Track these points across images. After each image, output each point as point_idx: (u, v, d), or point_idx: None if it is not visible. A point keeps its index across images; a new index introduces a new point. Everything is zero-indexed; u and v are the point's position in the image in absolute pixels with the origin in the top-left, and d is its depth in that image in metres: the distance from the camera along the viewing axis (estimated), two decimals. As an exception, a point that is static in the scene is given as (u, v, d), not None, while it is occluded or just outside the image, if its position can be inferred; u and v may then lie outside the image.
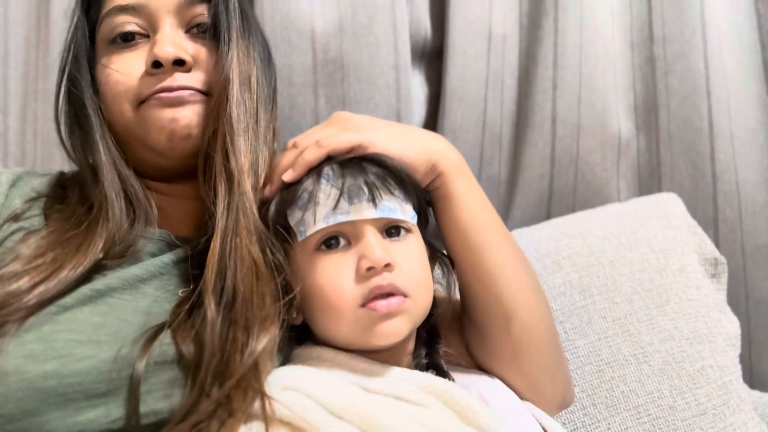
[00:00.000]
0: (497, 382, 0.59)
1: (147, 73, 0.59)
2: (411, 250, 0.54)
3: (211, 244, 0.54)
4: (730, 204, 0.97)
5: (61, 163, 0.89)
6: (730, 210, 0.97)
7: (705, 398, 0.72)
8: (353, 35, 0.90)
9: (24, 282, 0.48)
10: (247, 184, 0.56)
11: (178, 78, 0.59)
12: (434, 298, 0.57)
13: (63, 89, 0.65)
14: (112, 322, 0.50)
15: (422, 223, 0.59)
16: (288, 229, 0.54)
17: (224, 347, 0.48)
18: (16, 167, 0.91)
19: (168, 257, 0.58)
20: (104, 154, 0.60)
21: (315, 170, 0.54)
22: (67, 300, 0.50)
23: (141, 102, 0.60)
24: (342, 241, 0.53)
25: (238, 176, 0.56)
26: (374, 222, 0.53)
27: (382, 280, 0.50)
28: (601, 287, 0.78)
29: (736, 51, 1.00)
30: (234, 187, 0.55)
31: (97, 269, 0.54)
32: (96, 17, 0.64)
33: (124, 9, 0.61)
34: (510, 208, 1.00)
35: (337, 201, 0.52)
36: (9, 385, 0.45)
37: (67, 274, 0.50)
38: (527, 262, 0.62)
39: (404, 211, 0.54)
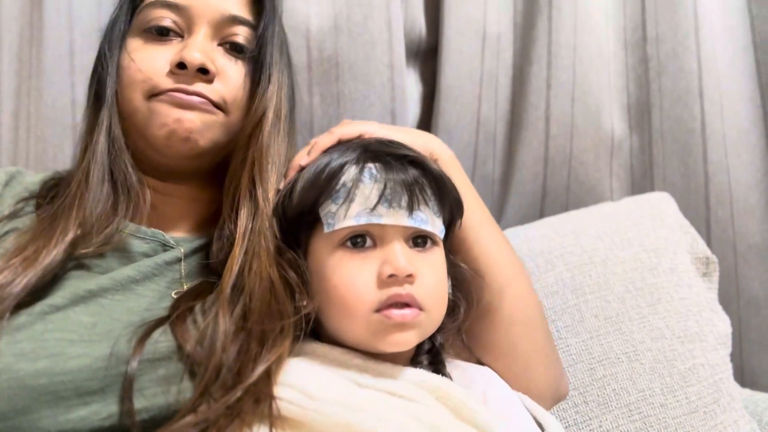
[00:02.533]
0: (496, 377, 0.59)
1: (170, 71, 0.60)
2: (434, 263, 0.54)
3: (229, 261, 0.55)
4: (722, 204, 0.97)
5: (53, 160, 0.89)
6: (722, 210, 0.97)
7: (696, 396, 0.72)
8: (348, 34, 0.90)
9: (5, 275, 0.49)
10: (269, 209, 0.57)
11: (197, 85, 0.60)
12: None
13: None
14: (104, 321, 0.50)
15: (447, 236, 0.59)
16: (314, 218, 0.54)
17: (238, 357, 0.48)
18: (8, 165, 0.91)
19: (161, 258, 0.58)
20: (104, 134, 0.60)
21: (358, 165, 0.53)
22: (59, 300, 0.50)
23: (154, 95, 0.60)
24: (368, 241, 0.52)
25: (263, 204, 0.57)
26: (404, 229, 0.52)
27: (401, 289, 0.50)
28: (594, 286, 0.78)
29: (728, 52, 1.00)
30: (259, 211, 0.57)
31: (85, 266, 0.54)
32: (140, 0, 0.64)
33: (169, 5, 0.62)
34: (504, 207, 1.00)
35: (375, 203, 0.51)
36: (0, 383, 0.45)
37: (44, 259, 0.51)
38: (512, 246, 0.66)
39: (435, 225, 0.54)
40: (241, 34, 0.63)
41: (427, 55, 1.02)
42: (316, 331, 0.57)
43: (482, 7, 0.98)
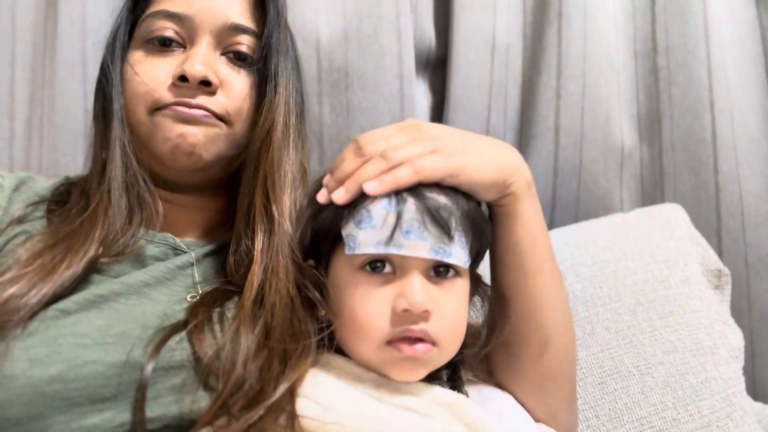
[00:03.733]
0: (512, 399, 0.59)
1: (172, 84, 0.60)
2: (454, 295, 0.52)
3: (249, 277, 0.54)
4: (733, 215, 0.96)
5: (65, 169, 0.89)
6: (733, 221, 0.97)
7: (708, 410, 0.71)
8: (358, 44, 0.91)
9: (21, 285, 0.49)
10: (287, 224, 0.57)
11: (200, 97, 0.60)
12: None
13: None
14: (118, 323, 0.50)
15: (475, 262, 0.56)
16: (338, 236, 0.52)
17: (260, 375, 0.48)
18: (20, 172, 0.92)
19: (173, 263, 0.58)
20: (119, 149, 0.60)
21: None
22: (70, 305, 0.50)
23: (157, 108, 0.60)
24: (387, 267, 0.51)
25: (279, 218, 0.57)
26: (425, 260, 0.50)
27: (415, 326, 0.49)
28: (605, 298, 0.77)
29: (739, 62, 1.00)
30: (275, 227, 0.56)
31: (97, 270, 0.55)
32: (141, 12, 0.64)
33: (170, 16, 0.62)
34: (513, 217, 1.00)
35: (393, 231, 0.49)
36: (14, 389, 0.45)
37: (62, 272, 0.51)
38: (565, 288, 0.61)
39: (458, 257, 0.51)
40: (245, 43, 0.63)
41: (436, 66, 1.02)
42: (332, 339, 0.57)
43: (491, 18, 0.98)
